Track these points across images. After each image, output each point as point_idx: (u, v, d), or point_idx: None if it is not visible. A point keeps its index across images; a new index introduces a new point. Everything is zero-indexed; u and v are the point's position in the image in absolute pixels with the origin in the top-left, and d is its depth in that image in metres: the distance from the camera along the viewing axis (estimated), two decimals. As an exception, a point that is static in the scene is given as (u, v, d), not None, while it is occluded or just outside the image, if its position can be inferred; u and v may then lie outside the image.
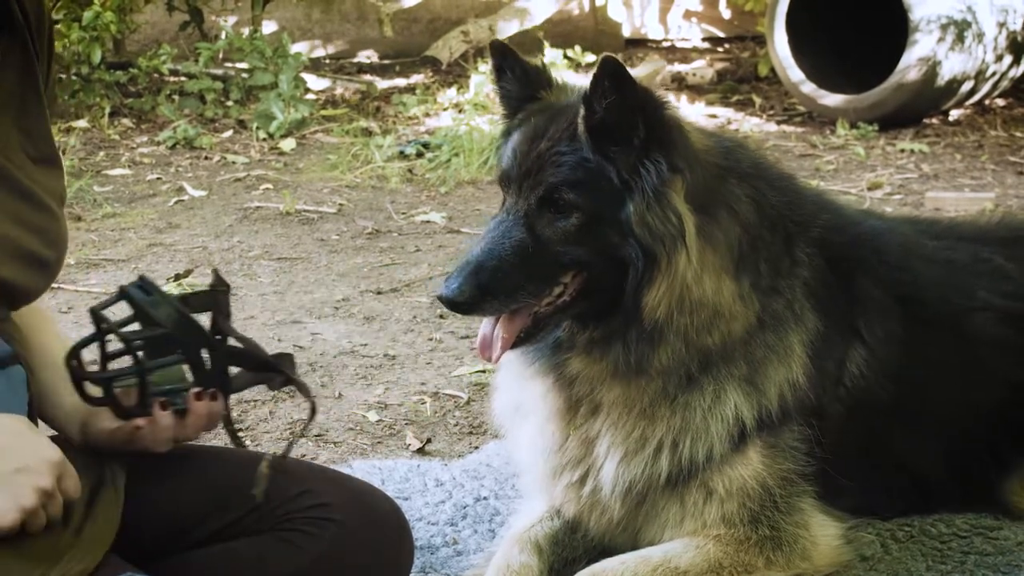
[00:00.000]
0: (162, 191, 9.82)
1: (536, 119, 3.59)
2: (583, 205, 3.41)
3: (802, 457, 3.68)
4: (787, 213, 3.73)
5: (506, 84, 3.74)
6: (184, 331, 3.03)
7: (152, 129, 12.02)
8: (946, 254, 4.16)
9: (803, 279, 3.71)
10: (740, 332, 3.56)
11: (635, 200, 3.38)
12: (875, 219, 4.36)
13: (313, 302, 6.96)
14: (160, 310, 3.01)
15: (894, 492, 4.00)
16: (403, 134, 11.61)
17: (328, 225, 8.75)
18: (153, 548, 3.09)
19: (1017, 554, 3.84)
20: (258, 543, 3.13)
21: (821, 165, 10.46)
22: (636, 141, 3.38)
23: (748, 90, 14.17)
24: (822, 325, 3.71)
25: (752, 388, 3.60)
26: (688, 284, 3.42)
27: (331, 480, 3.25)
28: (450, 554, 4.04)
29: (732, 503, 3.60)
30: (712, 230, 3.48)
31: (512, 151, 3.57)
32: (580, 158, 3.42)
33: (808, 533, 3.67)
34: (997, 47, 11.90)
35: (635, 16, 18.17)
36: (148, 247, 8.21)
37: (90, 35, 11.97)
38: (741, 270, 3.54)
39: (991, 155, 10.85)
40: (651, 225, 3.37)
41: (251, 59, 12.62)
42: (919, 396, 3.92)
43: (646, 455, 3.60)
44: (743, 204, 3.59)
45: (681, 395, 3.57)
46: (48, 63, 3.21)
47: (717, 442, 3.58)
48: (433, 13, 16.71)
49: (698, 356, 3.53)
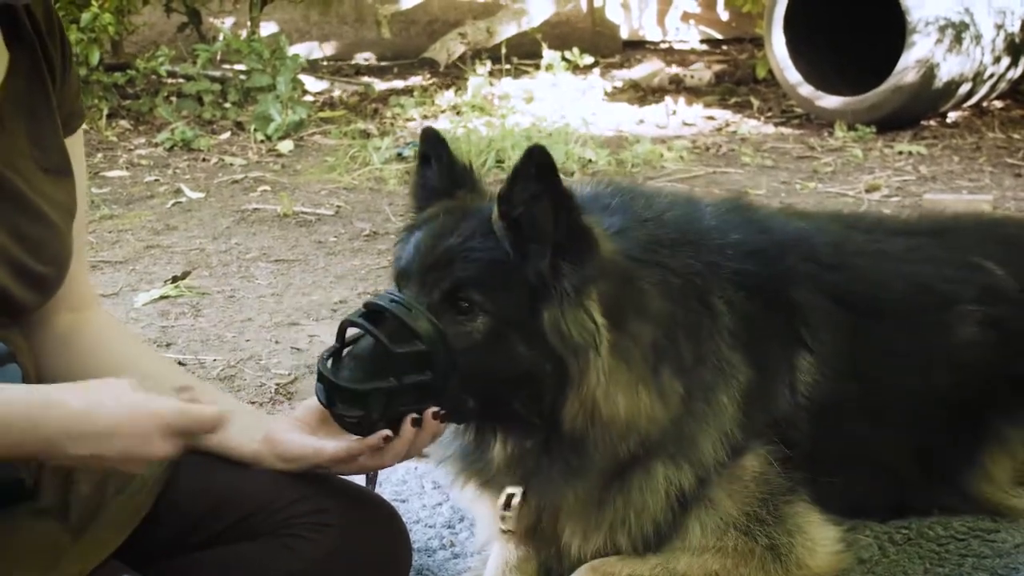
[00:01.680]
0: (160, 193, 9.81)
1: (445, 217, 3.39)
2: (491, 308, 3.21)
3: (774, 475, 3.64)
4: (693, 270, 3.60)
5: (428, 173, 3.56)
6: (438, 348, 3.07)
7: (150, 131, 12.02)
8: (878, 246, 4.15)
9: (727, 329, 3.60)
10: (658, 432, 3.44)
11: (551, 305, 3.22)
12: (799, 220, 4.28)
13: (311, 304, 6.95)
14: (421, 325, 3.06)
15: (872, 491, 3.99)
16: (401, 136, 11.60)
17: (326, 227, 8.74)
18: (149, 551, 3.08)
19: (1015, 556, 3.84)
20: (256, 548, 3.12)
21: (819, 167, 10.45)
22: (553, 240, 3.22)
23: (746, 92, 14.16)
24: (754, 367, 3.63)
25: (682, 459, 3.51)
26: (597, 402, 3.30)
27: (330, 485, 3.24)
28: (447, 556, 4.03)
29: (711, 539, 3.56)
30: (624, 343, 3.33)
31: (415, 246, 3.36)
32: (493, 257, 3.24)
33: (804, 539, 3.63)
34: (995, 49, 11.91)
35: (633, 18, 18.19)
36: (146, 249, 8.21)
37: (88, 37, 11.99)
38: (659, 367, 3.41)
39: (989, 157, 10.85)
40: (564, 334, 3.23)
41: (249, 61, 12.62)
42: (880, 389, 3.91)
43: (603, 533, 3.55)
44: (652, 298, 3.44)
45: (617, 480, 3.49)
46: (63, 72, 3.19)
47: (660, 513, 3.52)
48: (431, 15, 16.73)
49: (618, 461, 3.44)
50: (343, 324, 3.16)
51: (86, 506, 3.00)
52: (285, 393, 5.57)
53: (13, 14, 3.02)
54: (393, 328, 3.08)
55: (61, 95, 3.17)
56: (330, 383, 3.06)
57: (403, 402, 3.07)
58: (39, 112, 3.06)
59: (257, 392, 5.58)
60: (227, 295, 7.14)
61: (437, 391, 3.11)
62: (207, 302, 7.00)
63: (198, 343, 6.29)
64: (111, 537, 2.94)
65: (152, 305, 6.93)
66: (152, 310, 6.85)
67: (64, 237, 3.07)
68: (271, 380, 5.72)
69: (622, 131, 11.82)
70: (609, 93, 14.20)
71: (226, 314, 6.78)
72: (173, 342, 6.30)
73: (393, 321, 3.10)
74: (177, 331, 6.48)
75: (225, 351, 6.16)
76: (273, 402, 5.43)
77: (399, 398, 3.05)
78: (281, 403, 5.43)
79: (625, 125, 12.15)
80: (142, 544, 3.04)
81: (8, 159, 2.94)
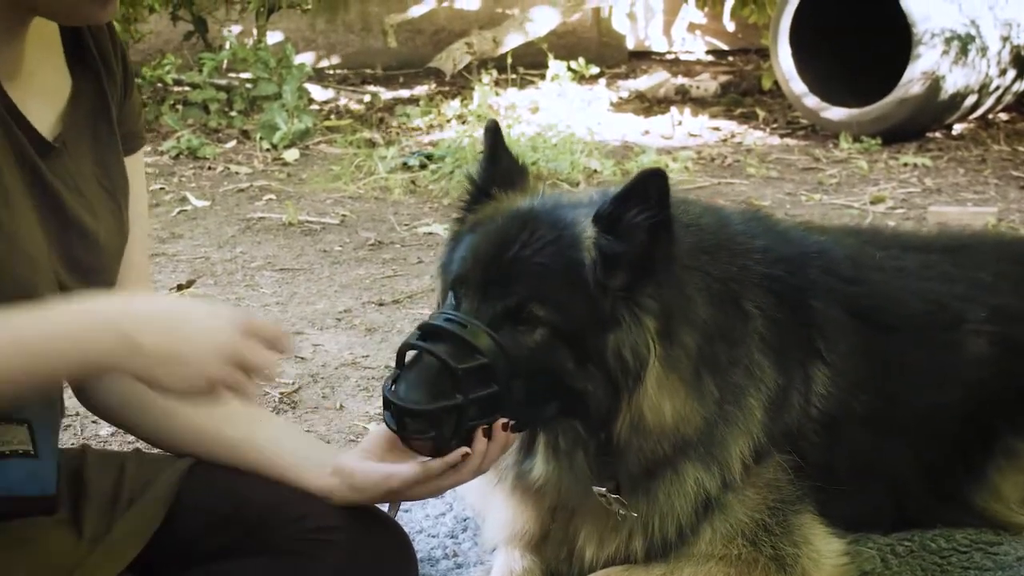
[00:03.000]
0: (165, 201, 9.81)
1: (506, 222, 3.36)
2: (553, 322, 3.19)
3: (786, 483, 3.66)
4: (729, 275, 3.61)
5: (488, 169, 3.55)
6: (499, 360, 3.08)
7: (155, 139, 12.01)
8: (895, 263, 4.15)
9: (758, 333, 3.62)
10: (694, 433, 3.45)
11: (618, 331, 3.22)
12: (818, 234, 4.27)
13: (315, 313, 6.96)
14: (480, 340, 3.07)
15: (879, 507, 4.00)
16: (406, 145, 11.60)
17: (331, 236, 8.75)
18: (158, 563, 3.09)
19: (1017, 569, 3.84)
20: (261, 563, 3.12)
21: (824, 179, 10.45)
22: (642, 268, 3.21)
23: (752, 103, 14.16)
24: (782, 374, 3.65)
25: (712, 462, 3.52)
26: (644, 413, 3.30)
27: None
28: (450, 567, 4.03)
29: (719, 545, 3.56)
30: (674, 355, 3.32)
31: (473, 253, 3.32)
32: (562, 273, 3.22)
33: (810, 549, 3.62)
34: (1001, 61, 11.91)
35: (639, 28, 18.18)
36: (151, 257, 8.17)
37: (94, 45, 11.96)
38: (701, 372, 3.41)
39: (994, 169, 10.84)
40: (624, 358, 3.23)
41: (255, 69, 12.63)
42: (889, 404, 3.92)
43: (620, 538, 3.56)
44: (697, 305, 3.44)
45: (643, 483, 3.49)
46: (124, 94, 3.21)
47: (685, 517, 3.52)
48: (437, 24, 16.72)
49: (654, 462, 3.45)
50: (402, 348, 3.17)
51: (100, 517, 3.01)
52: (289, 402, 5.57)
53: (79, 38, 3.03)
54: (453, 346, 3.09)
55: (121, 116, 3.18)
56: (398, 408, 3.06)
57: (471, 417, 3.07)
58: (102, 136, 3.07)
59: (261, 402, 5.57)
60: (232, 304, 7.14)
61: (503, 403, 3.12)
62: (212, 311, 6.98)
63: (202, 352, 6.27)
64: (125, 549, 2.95)
65: (157, 313, 6.90)
66: (157, 318, 6.82)
67: (114, 264, 3.08)
68: (275, 389, 5.71)
69: (628, 141, 11.81)
70: (615, 103, 14.19)
71: (231, 323, 6.76)
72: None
73: (452, 339, 3.11)
74: (182, 339, 6.45)
75: (229, 360, 6.14)
76: (276, 411, 5.43)
77: (467, 414, 3.06)
78: (285, 412, 5.43)
79: (631, 135, 12.15)
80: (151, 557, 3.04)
81: (73, 183, 2.95)
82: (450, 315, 3.17)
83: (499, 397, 3.11)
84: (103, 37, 3.10)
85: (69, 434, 5.11)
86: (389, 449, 3.20)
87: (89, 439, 5.06)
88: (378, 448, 3.22)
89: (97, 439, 5.06)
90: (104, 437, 5.06)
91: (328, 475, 3.19)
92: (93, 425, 5.16)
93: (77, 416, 5.20)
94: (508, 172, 3.55)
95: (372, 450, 3.22)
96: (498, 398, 3.11)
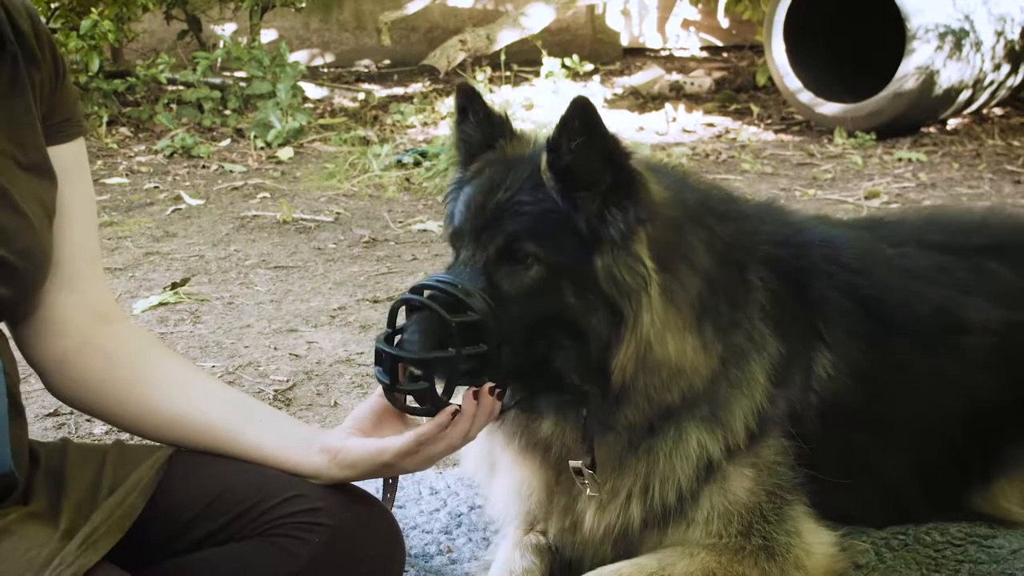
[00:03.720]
0: (159, 200, 9.82)
1: (492, 170, 3.47)
2: (545, 257, 3.27)
3: (785, 468, 3.67)
4: (736, 242, 3.67)
5: (467, 128, 3.61)
6: (489, 319, 3.11)
7: (150, 138, 12.03)
8: (905, 261, 4.14)
9: (759, 303, 3.66)
10: (701, 383, 3.48)
11: (603, 252, 3.27)
12: (825, 225, 4.32)
13: (309, 310, 6.96)
14: (472, 298, 3.10)
15: (867, 502, 3.99)
16: (401, 143, 11.62)
17: (325, 234, 8.75)
18: (142, 552, 3.08)
19: (1011, 563, 3.84)
20: (248, 548, 3.11)
21: (818, 174, 10.46)
22: (603, 187, 3.28)
23: (746, 99, 14.19)
24: (784, 346, 3.67)
25: (716, 424, 3.54)
26: (651, 344, 3.32)
27: (322, 485, 3.23)
28: (444, 562, 4.03)
29: (716, 524, 3.57)
30: (673, 287, 3.37)
31: (467, 204, 3.44)
32: (544, 208, 3.30)
33: (801, 541, 3.63)
34: (995, 56, 11.92)
35: (633, 25, 18.21)
36: (145, 256, 8.21)
37: (88, 44, 11.98)
38: (703, 319, 3.45)
39: (989, 164, 10.86)
40: (618, 279, 3.27)
41: (249, 68, 12.64)
42: (885, 399, 3.91)
43: (618, 503, 3.57)
44: (699, 253, 3.50)
45: (644, 442, 3.51)
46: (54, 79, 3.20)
47: (685, 481, 3.53)
48: (431, 22, 16.74)
49: (659, 411, 3.47)
50: (395, 306, 3.18)
51: (78, 509, 3.00)
52: (283, 399, 5.57)
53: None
54: (446, 301, 3.12)
55: (52, 103, 3.18)
56: (391, 357, 3.07)
57: (463, 373, 3.10)
58: (16, 114, 3.07)
59: (255, 398, 5.56)
60: (226, 302, 7.14)
61: (493, 363, 3.14)
62: (206, 309, 7.01)
63: (197, 349, 6.29)
64: (103, 540, 2.93)
65: (151, 312, 6.93)
66: (151, 317, 6.85)
67: (39, 233, 3.06)
68: (269, 386, 5.72)
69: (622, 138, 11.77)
70: (609, 100, 14.21)
71: (225, 320, 6.78)
72: (172, 348, 6.29)
73: (444, 296, 3.13)
74: (176, 337, 6.48)
75: (224, 357, 6.16)
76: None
77: (459, 369, 3.08)
78: (279, 409, 5.42)
79: (625, 132, 12.14)
80: (135, 547, 3.03)
81: None
82: (442, 277, 3.20)
83: (489, 357, 3.13)
84: (24, 23, 3.11)
85: (63, 432, 5.11)
86: (375, 424, 3.20)
87: (83, 437, 5.05)
88: (364, 424, 3.21)
89: (91, 437, 5.06)
90: (98, 436, 5.05)
91: (316, 454, 3.18)
92: (87, 424, 5.15)
93: (71, 415, 5.20)
94: (491, 127, 3.62)
95: (358, 426, 3.20)
96: (488, 358, 3.13)
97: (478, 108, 3.61)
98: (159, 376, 3.28)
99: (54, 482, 3.06)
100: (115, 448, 3.28)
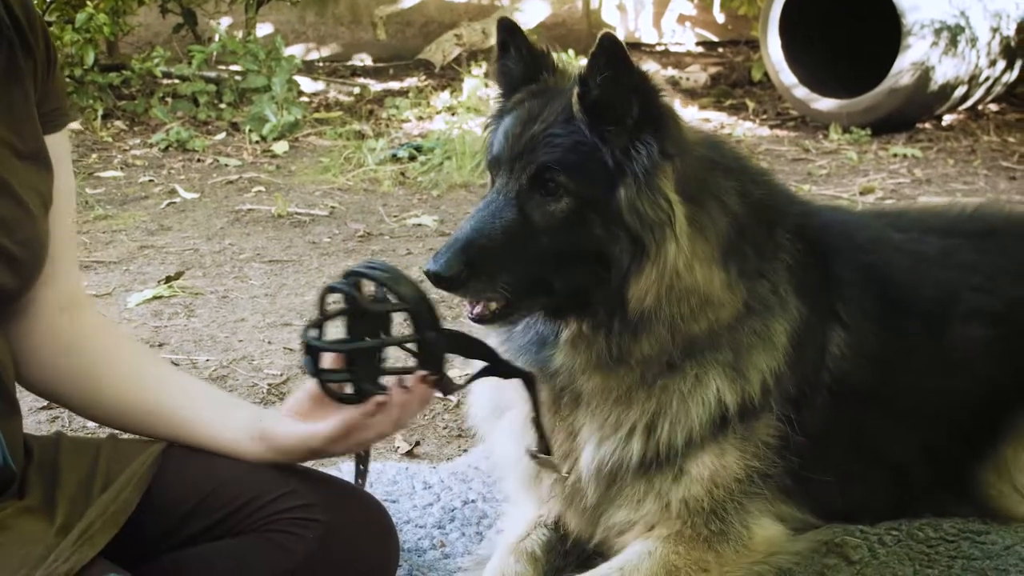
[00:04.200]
0: (154, 193, 9.81)
1: (531, 102, 3.55)
2: (574, 189, 3.34)
3: (770, 456, 3.69)
4: (768, 203, 3.73)
5: (508, 62, 3.68)
6: (421, 310, 3.07)
7: (145, 131, 12.02)
8: (913, 245, 4.16)
9: (786, 263, 3.70)
10: (727, 319, 3.54)
11: (627, 184, 3.33)
12: (840, 212, 4.42)
13: (304, 304, 6.95)
14: (402, 287, 3.06)
15: (875, 486, 3.99)
16: (396, 137, 11.61)
17: (320, 228, 8.75)
18: (136, 548, 3.08)
19: (1004, 558, 3.83)
20: (242, 544, 3.11)
21: (813, 170, 10.46)
22: (629, 122, 3.33)
23: (741, 94, 14.19)
24: (805, 310, 3.71)
25: (736, 374, 3.58)
26: (679, 272, 3.38)
27: (315, 481, 3.23)
28: (437, 557, 4.03)
29: (699, 488, 3.60)
30: (702, 219, 3.45)
31: (504, 134, 3.52)
32: (574, 141, 3.36)
33: (748, 532, 3.67)
34: (990, 52, 11.93)
35: (629, 20, 18.20)
36: (139, 249, 8.21)
37: (83, 37, 11.96)
38: (729, 258, 3.52)
39: (984, 160, 10.87)
40: (641, 212, 3.33)
41: (244, 62, 12.62)
42: (895, 381, 3.92)
43: (618, 438, 3.59)
44: (730, 196, 3.57)
45: (660, 380, 3.55)
46: (47, 68, 3.20)
47: (698, 426, 3.56)
48: (427, 16, 16.73)
49: (683, 344, 3.50)
50: (323, 293, 3.14)
51: (73, 504, 3.00)
52: (277, 393, 5.57)
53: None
54: (374, 290, 3.09)
55: (44, 91, 3.18)
56: (314, 348, 3.05)
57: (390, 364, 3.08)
58: (15, 103, 3.07)
59: (249, 392, 5.57)
60: (220, 295, 7.14)
61: (422, 352, 3.10)
62: (200, 302, 7.00)
63: (191, 343, 6.29)
64: (98, 535, 2.93)
65: (145, 305, 6.93)
66: (145, 310, 6.84)
67: (38, 223, 3.06)
68: (263, 380, 5.72)
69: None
70: (605, 95, 14.18)
71: (219, 314, 6.78)
72: (166, 342, 6.30)
73: (373, 285, 3.09)
74: (170, 331, 6.47)
75: (218, 351, 6.16)
76: (265, 402, 5.43)
77: (380, 359, 3.06)
78: (273, 403, 5.43)
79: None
80: (129, 542, 3.03)
81: None
82: (376, 264, 3.15)
83: (419, 346, 3.10)
84: (18, 10, 3.10)
85: (57, 426, 5.11)
86: (311, 407, 3.17)
87: (77, 431, 5.05)
88: (302, 407, 3.19)
89: (86, 431, 5.05)
90: (92, 429, 5.04)
91: (255, 440, 3.18)
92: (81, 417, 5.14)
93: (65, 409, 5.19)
94: (532, 59, 3.68)
95: (297, 408, 3.20)
96: (418, 346, 3.10)
97: (520, 42, 3.67)
98: (114, 364, 3.29)
99: (48, 476, 3.06)
100: (109, 442, 3.28)
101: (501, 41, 3.69)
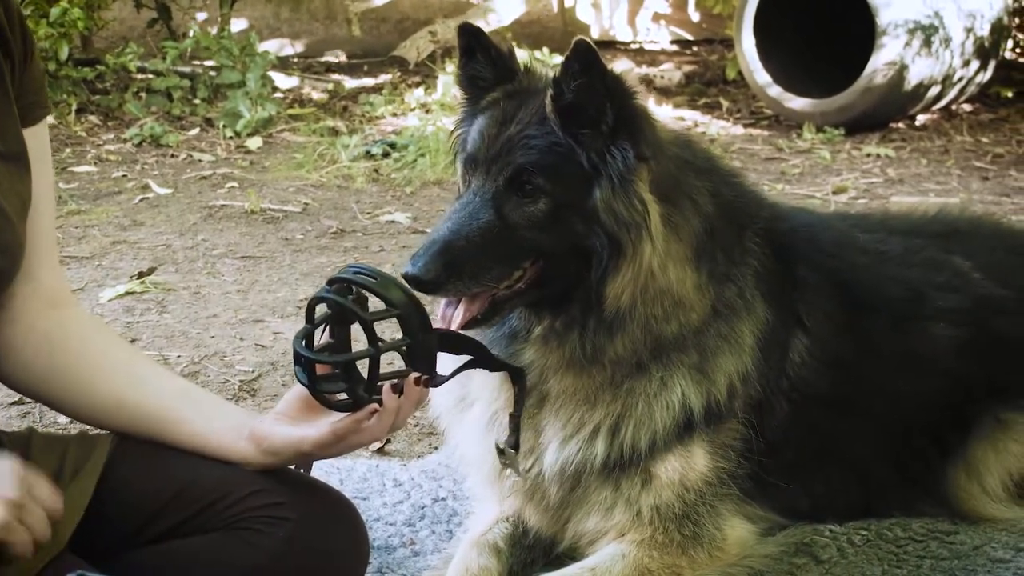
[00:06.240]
0: (127, 188, 9.79)
1: (506, 103, 3.56)
2: (551, 190, 3.38)
3: (736, 457, 3.70)
4: (738, 206, 3.76)
5: (475, 67, 3.69)
6: (412, 314, 3.08)
7: (119, 126, 11.99)
8: (877, 246, 4.21)
9: (753, 268, 3.73)
10: (697, 322, 3.56)
11: (602, 186, 3.36)
12: (807, 214, 4.44)
13: (276, 301, 6.95)
14: (392, 292, 3.07)
15: (837, 489, 4.01)
16: (370, 134, 11.60)
17: (293, 224, 8.74)
18: (106, 545, 3.07)
19: (973, 559, 3.85)
20: (212, 541, 3.12)
21: (787, 169, 10.49)
22: (604, 127, 3.36)
23: (716, 93, 14.20)
24: (770, 315, 3.73)
25: (702, 376, 3.60)
26: (653, 272, 3.41)
27: (285, 478, 3.23)
28: (407, 554, 4.03)
29: (669, 493, 3.61)
30: (676, 219, 3.48)
31: (479, 134, 3.54)
32: (550, 142, 3.39)
33: (721, 534, 3.69)
34: (964, 52, 11.96)
35: (604, 18, 18.17)
36: (112, 244, 8.19)
37: (57, 31, 11.93)
38: (701, 259, 3.54)
39: (957, 160, 10.90)
40: (617, 212, 3.36)
41: (219, 57, 12.59)
42: (859, 383, 3.95)
43: (581, 438, 3.59)
44: (702, 196, 3.60)
45: (626, 382, 3.56)
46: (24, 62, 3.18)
47: (661, 429, 3.57)
48: (401, 13, 16.70)
49: (652, 345, 3.52)
50: (311, 303, 3.14)
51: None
52: (249, 390, 5.57)
53: None
54: (363, 298, 3.09)
55: (22, 85, 3.16)
56: (309, 360, 3.03)
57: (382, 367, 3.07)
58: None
59: (221, 388, 5.57)
60: (193, 291, 7.13)
61: (415, 356, 3.11)
62: (172, 298, 6.99)
63: (163, 339, 6.28)
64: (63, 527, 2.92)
65: (117, 301, 6.91)
66: (117, 306, 6.83)
67: (16, 228, 3.05)
68: (235, 377, 5.71)
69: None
70: (579, 93, 14.17)
71: (191, 310, 6.77)
72: (138, 338, 6.29)
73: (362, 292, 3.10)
74: (142, 327, 6.46)
75: (190, 347, 6.15)
76: (236, 399, 5.42)
77: (377, 368, 3.04)
78: (245, 399, 5.42)
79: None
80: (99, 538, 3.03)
81: None
82: (361, 269, 3.15)
83: (411, 350, 3.10)
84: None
85: (28, 421, 5.10)
86: (303, 410, 3.17)
87: (48, 426, 5.04)
88: (293, 410, 3.19)
89: (56, 426, 5.04)
90: (63, 424, 5.04)
91: (245, 441, 3.17)
92: (53, 412, 5.13)
93: (36, 405, 5.18)
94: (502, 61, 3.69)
95: (287, 412, 3.19)
96: (410, 351, 3.10)
97: (485, 45, 3.68)
98: (100, 362, 3.28)
99: None
100: (78, 438, 3.28)
101: (465, 46, 3.70)
